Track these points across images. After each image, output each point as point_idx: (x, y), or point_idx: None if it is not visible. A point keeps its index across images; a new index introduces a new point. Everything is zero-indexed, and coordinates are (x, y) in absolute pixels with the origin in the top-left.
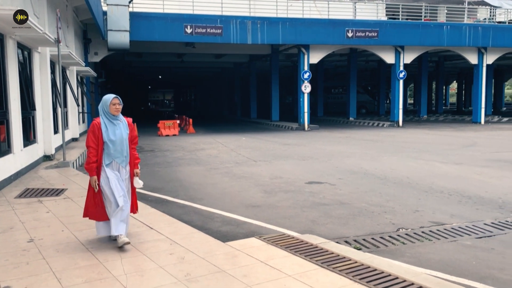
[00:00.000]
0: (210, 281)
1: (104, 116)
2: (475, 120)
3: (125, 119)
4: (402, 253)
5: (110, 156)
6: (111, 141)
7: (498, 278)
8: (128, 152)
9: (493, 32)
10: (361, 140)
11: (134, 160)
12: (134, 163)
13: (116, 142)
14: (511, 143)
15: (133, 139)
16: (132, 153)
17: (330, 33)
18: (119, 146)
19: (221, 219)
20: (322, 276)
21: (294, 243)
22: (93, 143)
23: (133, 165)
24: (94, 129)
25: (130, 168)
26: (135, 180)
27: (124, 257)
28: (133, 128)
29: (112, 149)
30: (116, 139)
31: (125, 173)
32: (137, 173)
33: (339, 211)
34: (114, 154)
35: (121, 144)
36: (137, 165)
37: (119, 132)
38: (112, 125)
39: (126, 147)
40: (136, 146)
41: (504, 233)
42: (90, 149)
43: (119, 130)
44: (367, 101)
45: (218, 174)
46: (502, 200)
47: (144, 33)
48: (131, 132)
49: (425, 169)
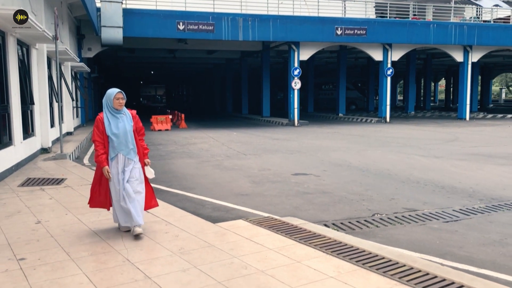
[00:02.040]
0: (201, 253)
1: (107, 111)
2: (460, 117)
3: (129, 111)
4: (374, 234)
5: (115, 149)
6: (114, 135)
7: (456, 254)
8: (134, 143)
9: (478, 31)
10: (348, 135)
11: (143, 151)
12: (144, 153)
13: (119, 135)
14: (491, 138)
15: (139, 131)
16: (141, 144)
17: (319, 30)
18: (123, 139)
19: (211, 206)
20: (299, 249)
21: (276, 224)
22: (99, 137)
23: (143, 155)
24: (98, 124)
25: (140, 158)
26: (147, 169)
27: (125, 235)
28: (138, 120)
29: (116, 142)
30: (119, 132)
31: (134, 163)
32: (148, 162)
33: (321, 199)
34: (118, 146)
35: (125, 137)
36: (147, 155)
37: (122, 125)
38: (115, 118)
39: (131, 139)
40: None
41: (470, 218)
42: (97, 143)
43: (122, 123)
44: (357, 97)
45: (210, 166)
46: (473, 190)
47: (137, 30)
48: (136, 124)
49: (406, 162)
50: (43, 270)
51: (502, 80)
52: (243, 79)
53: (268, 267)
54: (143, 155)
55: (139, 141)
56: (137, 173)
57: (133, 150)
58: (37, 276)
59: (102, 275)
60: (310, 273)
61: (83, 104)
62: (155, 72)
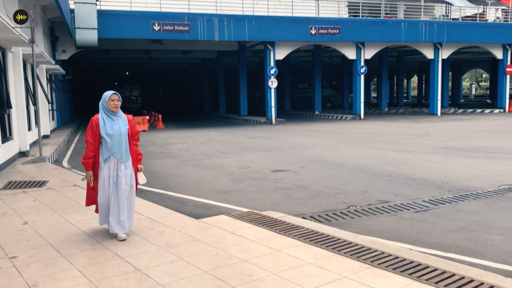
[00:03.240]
0: (186, 247)
1: (103, 112)
2: (432, 112)
3: (125, 115)
4: (350, 225)
5: (108, 151)
6: (109, 135)
7: (424, 241)
8: (127, 147)
9: (447, 29)
10: (325, 132)
11: (137, 156)
12: (137, 158)
13: (114, 136)
14: (460, 132)
15: (134, 135)
16: (134, 149)
17: (294, 30)
18: (117, 141)
19: (193, 204)
20: (279, 240)
21: (257, 218)
22: (91, 139)
23: (136, 160)
24: (92, 125)
25: (133, 163)
26: (140, 175)
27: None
28: (133, 125)
29: (109, 143)
30: (114, 133)
31: (125, 168)
32: (140, 168)
33: (299, 194)
34: (112, 148)
35: (119, 139)
36: (140, 161)
37: (117, 127)
38: (111, 120)
39: (125, 142)
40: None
41: (438, 207)
42: (88, 144)
43: (118, 125)
44: (332, 95)
45: (189, 165)
46: (442, 182)
47: (112, 31)
48: (131, 128)
49: (379, 156)
50: (36, 266)
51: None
52: (220, 78)
53: (250, 256)
54: (137, 160)
55: (133, 145)
56: (128, 179)
57: (125, 154)
58: (31, 272)
59: (94, 269)
60: (290, 260)
61: (58, 106)
62: (131, 72)
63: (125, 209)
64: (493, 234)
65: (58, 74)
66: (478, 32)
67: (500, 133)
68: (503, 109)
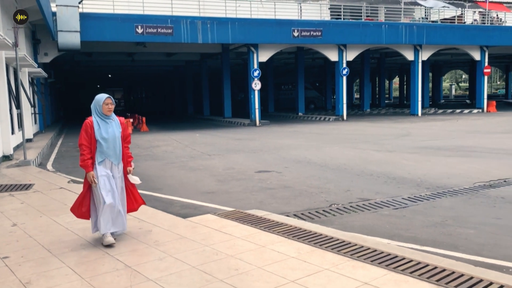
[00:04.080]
0: (175, 244)
1: (97, 115)
2: (413, 113)
3: (117, 118)
4: (331, 222)
5: (103, 154)
6: (104, 139)
7: (402, 236)
8: (120, 150)
9: (427, 31)
10: (308, 134)
11: (127, 158)
12: (128, 161)
13: (109, 140)
14: (440, 132)
15: (126, 138)
16: (125, 152)
17: (277, 32)
18: (111, 144)
19: (180, 204)
20: (264, 236)
21: (243, 216)
22: (86, 141)
23: (126, 163)
24: (86, 128)
25: (123, 166)
26: (130, 177)
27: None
28: (125, 127)
29: (105, 147)
30: (108, 137)
31: (118, 171)
32: (130, 170)
33: (283, 193)
34: (107, 152)
35: (113, 142)
36: (130, 163)
37: (112, 131)
38: (105, 123)
39: (118, 145)
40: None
41: (416, 204)
42: (83, 146)
43: (112, 128)
44: (316, 96)
45: (175, 167)
46: (421, 180)
47: (95, 34)
48: (123, 131)
49: (361, 156)
50: (28, 265)
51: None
52: (204, 80)
53: (236, 252)
54: (127, 163)
55: (125, 148)
56: (120, 181)
57: (119, 157)
58: (23, 270)
59: (85, 266)
60: (274, 255)
61: (41, 110)
62: (113, 75)
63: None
64: (467, 228)
65: (40, 77)
66: (457, 34)
67: (477, 132)
68: (482, 109)
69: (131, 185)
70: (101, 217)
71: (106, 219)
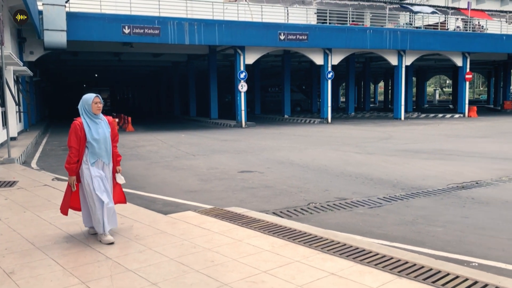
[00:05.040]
0: (155, 238)
1: (86, 116)
2: (396, 117)
3: (105, 117)
4: (308, 219)
5: (95, 155)
6: (95, 140)
7: (374, 233)
8: (111, 150)
9: (410, 36)
10: (292, 136)
11: (116, 158)
12: (116, 160)
13: (100, 140)
14: (420, 136)
15: (114, 137)
16: (114, 151)
17: (264, 35)
18: (103, 145)
19: (162, 202)
20: (241, 231)
21: (222, 213)
22: (75, 144)
23: (115, 162)
24: (76, 129)
25: (113, 165)
26: (118, 176)
27: (83, 227)
28: (114, 126)
29: (96, 148)
30: (99, 138)
31: (109, 171)
32: (119, 169)
33: (264, 193)
34: (99, 152)
35: (104, 143)
36: (119, 162)
37: (102, 131)
38: (95, 124)
39: (109, 145)
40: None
41: (391, 204)
42: (72, 149)
43: (102, 128)
44: (302, 99)
45: (159, 167)
46: (397, 181)
47: (82, 33)
48: (112, 130)
49: (342, 158)
50: (12, 257)
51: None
52: (191, 81)
53: (214, 245)
54: (116, 162)
55: (113, 147)
56: (110, 182)
57: (110, 156)
58: (7, 262)
59: (67, 258)
60: (249, 248)
61: (25, 108)
62: (100, 75)
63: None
64: (435, 226)
65: (26, 76)
66: (439, 40)
67: (457, 136)
68: (463, 114)
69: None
70: (104, 218)
71: (107, 219)
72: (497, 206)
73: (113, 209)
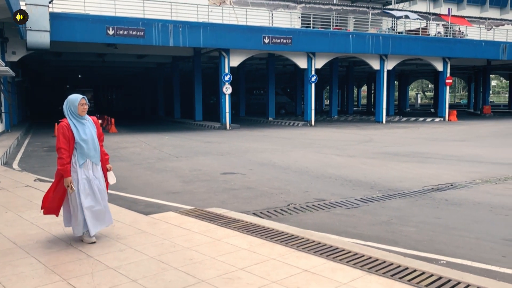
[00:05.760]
0: (135, 238)
1: (72, 117)
2: (378, 120)
3: (90, 118)
4: (287, 220)
5: (84, 156)
6: (84, 141)
7: (350, 232)
8: (99, 149)
9: (392, 41)
10: (276, 138)
11: (104, 156)
12: (105, 159)
13: (88, 141)
14: (400, 139)
15: (100, 136)
16: (101, 150)
17: (248, 38)
18: (91, 145)
19: (144, 203)
20: (220, 231)
21: (202, 214)
22: (65, 145)
23: (104, 161)
24: (64, 131)
25: (102, 165)
26: (110, 175)
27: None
28: (99, 126)
29: (85, 149)
30: (87, 138)
31: (98, 170)
32: (109, 168)
33: (245, 194)
34: (88, 153)
35: (93, 143)
36: (108, 161)
37: (89, 131)
38: (81, 124)
39: (97, 144)
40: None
41: (367, 205)
42: (62, 150)
43: (89, 129)
44: (286, 102)
45: (141, 168)
46: (375, 183)
47: (65, 34)
48: (97, 130)
49: (323, 160)
50: None
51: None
52: (175, 83)
53: (193, 244)
54: (104, 160)
55: (100, 147)
56: (102, 181)
57: (99, 156)
58: None
59: (49, 257)
60: (228, 247)
61: (7, 109)
62: (83, 76)
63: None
64: (409, 226)
65: (8, 76)
66: (421, 45)
67: (436, 140)
68: (443, 118)
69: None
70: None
71: (92, 221)
72: (469, 207)
73: (103, 211)
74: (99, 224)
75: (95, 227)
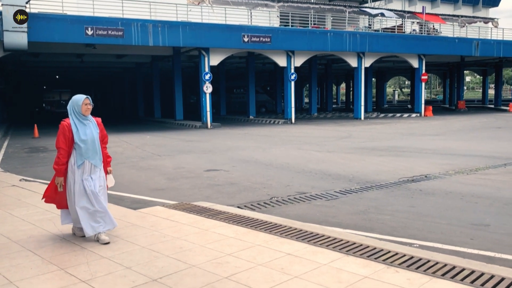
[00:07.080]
0: (126, 230)
1: (75, 117)
2: (356, 117)
3: (94, 118)
4: (270, 212)
5: (82, 157)
6: (83, 141)
7: (329, 221)
8: (100, 151)
9: (369, 39)
10: (257, 136)
11: (106, 159)
12: (107, 161)
13: (88, 141)
14: (378, 134)
15: (103, 138)
16: (104, 152)
17: (227, 37)
18: (91, 146)
19: (130, 200)
20: (207, 222)
21: (189, 207)
22: (64, 145)
23: (106, 163)
24: (64, 131)
25: (103, 166)
26: (109, 177)
27: (56, 223)
28: (103, 128)
29: (83, 149)
30: (87, 139)
31: (99, 172)
32: (110, 170)
33: (229, 189)
34: (86, 154)
35: (92, 144)
36: (109, 163)
37: (90, 132)
38: (83, 125)
39: (98, 146)
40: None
41: (346, 196)
42: (61, 150)
43: (90, 130)
44: (266, 100)
45: (125, 167)
46: (353, 176)
47: (43, 34)
48: (101, 132)
49: (303, 156)
50: None
51: (396, 83)
52: (155, 83)
53: (182, 235)
54: (106, 163)
55: (103, 149)
56: (102, 182)
57: (99, 158)
58: None
59: (44, 249)
60: (215, 236)
61: None
62: (61, 76)
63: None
64: (384, 214)
65: None
66: (397, 43)
67: (412, 134)
68: (420, 114)
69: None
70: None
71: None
72: (441, 196)
73: (100, 212)
74: (97, 225)
75: (92, 228)
